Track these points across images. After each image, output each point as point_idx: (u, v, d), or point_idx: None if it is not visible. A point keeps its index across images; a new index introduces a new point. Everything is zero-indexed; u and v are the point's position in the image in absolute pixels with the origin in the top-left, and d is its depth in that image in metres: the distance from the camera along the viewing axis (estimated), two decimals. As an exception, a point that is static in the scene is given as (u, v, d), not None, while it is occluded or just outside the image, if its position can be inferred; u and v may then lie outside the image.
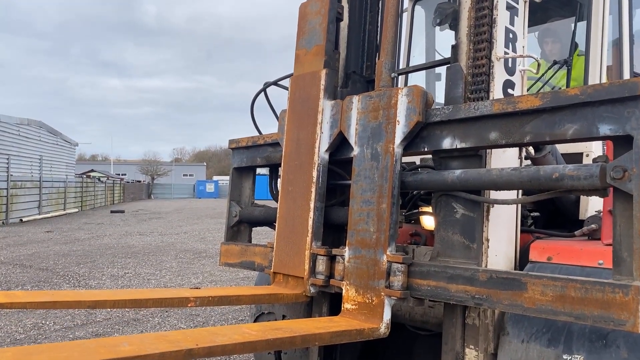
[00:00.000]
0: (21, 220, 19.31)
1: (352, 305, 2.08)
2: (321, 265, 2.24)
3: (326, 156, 2.34)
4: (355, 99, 2.22)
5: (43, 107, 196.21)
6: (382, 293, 1.97)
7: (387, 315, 1.97)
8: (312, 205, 2.30)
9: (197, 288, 2.22)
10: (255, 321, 3.06)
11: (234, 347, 1.55)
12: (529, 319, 1.95)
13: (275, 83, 2.84)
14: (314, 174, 2.32)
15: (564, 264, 2.04)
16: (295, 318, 2.81)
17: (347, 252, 2.15)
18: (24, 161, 20.70)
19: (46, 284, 7.59)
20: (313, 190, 2.31)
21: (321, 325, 1.91)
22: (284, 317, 2.88)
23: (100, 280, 8.00)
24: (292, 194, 2.42)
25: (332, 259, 2.24)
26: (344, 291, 2.13)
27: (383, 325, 1.96)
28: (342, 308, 2.11)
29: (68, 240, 13.46)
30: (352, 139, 2.21)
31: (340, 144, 2.32)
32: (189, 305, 2.08)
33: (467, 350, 2.04)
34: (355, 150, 2.18)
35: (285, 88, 2.85)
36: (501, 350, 2.00)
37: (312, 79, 2.41)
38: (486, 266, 1.96)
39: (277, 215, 2.48)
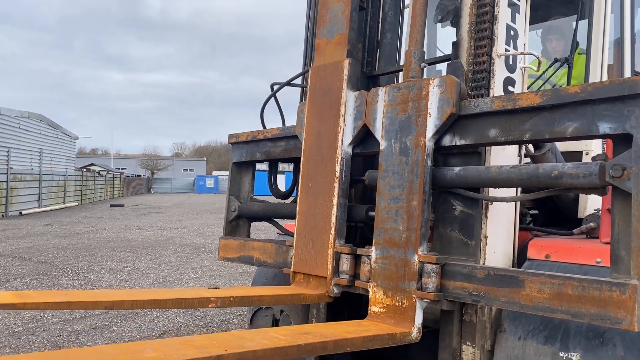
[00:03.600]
0: (21, 213, 19.32)
1: (381, 308, 1.98)
2: (345, 264, 2.14)
3: (350, 150, 2.24)
4: (382, 90, 2.12)
5: (45, 100, 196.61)
6: (414, 295, 1.88)
7: (418, 318, 1.88)
8: (335, 201, 2.20)
9: (216, 287, 2.12)
10: (253, 315, 3.07)
11: (264, 352, 1.47)
12: (526, 316, 1.95)
13: (287, 84, 2.80)
14: (337, 168, 2.22)
15: (562, 261, 2.04)
16: (293, 314, 2.81)
17: (373, 251, 2.04)
18: (24, 154, 20.70)
19: (45, 277, 7.60)
20: (336, 185, 2.21)
21: (351, 329, 1.81)
22: (281, 312, 2.89)
23: (99, 273, 8.01)
24: (313, 189, 2.31)
25: (356, 258, 2.14)
26: (370, 293, 2.03)
27: (415, 329, 1.87)
28: (369, 311, 2.02)
29: (67, 233, 13.47)
30: (379, 133, 2.10)
31: (364, 136, 2.22)
32: (210, 305, 1.99)
33: (464, 347, 2.04)
34: (382, 145, 2.08)
35: (298, 86, 2.82)
36: (498, 347, 2.00)
37: (334, 70, 2.30)
38: (484, 263, 1.96)
39: (297, 212, 2.37)
